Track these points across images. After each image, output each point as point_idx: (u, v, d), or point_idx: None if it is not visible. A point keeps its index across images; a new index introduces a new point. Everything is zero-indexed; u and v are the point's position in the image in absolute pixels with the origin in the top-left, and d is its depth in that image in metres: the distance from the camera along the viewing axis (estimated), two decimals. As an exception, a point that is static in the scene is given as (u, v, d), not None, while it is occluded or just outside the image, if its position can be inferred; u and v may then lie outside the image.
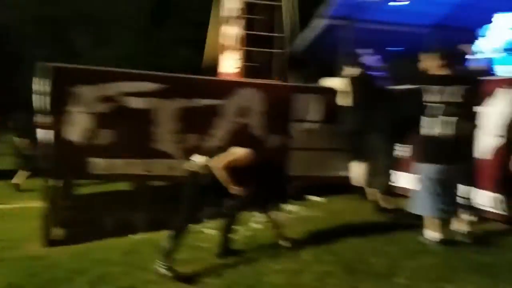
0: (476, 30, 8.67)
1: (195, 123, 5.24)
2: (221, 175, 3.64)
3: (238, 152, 3.78)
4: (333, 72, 6.52)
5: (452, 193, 3.90)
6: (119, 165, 4.99)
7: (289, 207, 5.48)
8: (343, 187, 5.75)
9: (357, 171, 5.35)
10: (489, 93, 4.28)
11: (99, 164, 4.89)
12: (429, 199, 3.81)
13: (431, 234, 3.82)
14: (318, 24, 11.54)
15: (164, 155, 5.19)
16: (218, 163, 3.68)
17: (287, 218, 5.10)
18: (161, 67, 13.37)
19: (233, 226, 4.02)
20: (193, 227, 3.76)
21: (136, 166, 5.08)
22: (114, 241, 4.39)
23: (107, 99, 4.95)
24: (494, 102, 4.28)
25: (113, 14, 16.48)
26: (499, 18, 8.21)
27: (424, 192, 3.87)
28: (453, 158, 3.78)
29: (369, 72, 6.77)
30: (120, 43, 16.49)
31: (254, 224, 4.71)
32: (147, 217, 4.73)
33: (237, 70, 12.12)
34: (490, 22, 8.48)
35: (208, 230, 4.43)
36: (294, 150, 5.96)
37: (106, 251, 4.08)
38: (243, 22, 11.86)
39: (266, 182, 3.85)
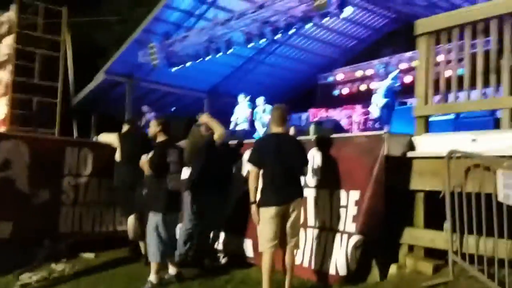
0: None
1: None
2: None
3: None
4: (119, 126, 6.63)
5: (172, 239, 4.59)
6: None
7: (56, 265, 5.25)
8: (117, 240, 5.83)
9: (129, 224, 5.54)
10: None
11: None
12: (155, 246, 4.40)
13: (154, 276, 4.40)
14: (100, 78, 11.77)
15: None
16: None
17: (53, 277, 4.89)
18: None
19: None
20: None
21: None
22: None
23: None
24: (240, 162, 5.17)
25: None
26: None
27: (151, 240, 4.45)
28: (174, 207, 4.53)
29: (143, 129, 7.21)
30: None
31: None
32: None
33: (2, 117, 11.14)
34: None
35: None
36: (66, 205, 5.84)
37: None
38: (13, 67, 11.14)
39: None
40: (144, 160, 4.65)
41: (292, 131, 4.82)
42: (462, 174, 3.37)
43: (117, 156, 5.79)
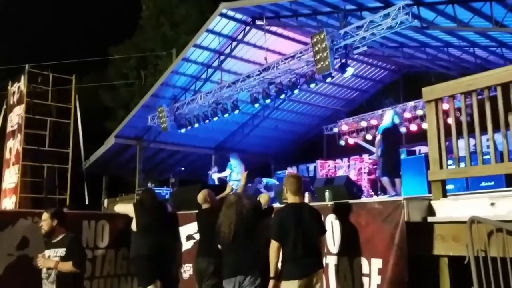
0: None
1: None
2: None
3: None
4: (129, 187, 6.65)
5: None
6: None
7: None
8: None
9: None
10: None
11: None
12: None
13: None
14: (110, 142, 11.98)
15: None
16: None
17: None
18: None
19: None
20: None
21: None
22: None
23: None
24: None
25: None
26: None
27: None
28: None
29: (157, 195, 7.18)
30: None
31: None
32: None
33: (13, 185, 11.26)
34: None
35: None
36: (84, 279, 5.79)
37: None
38: (23, 136, 11.38)
39: None
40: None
41: (307, 197, 4.84)
42: (485, 238, 3.39)
43: (133, 226, 5.80)
